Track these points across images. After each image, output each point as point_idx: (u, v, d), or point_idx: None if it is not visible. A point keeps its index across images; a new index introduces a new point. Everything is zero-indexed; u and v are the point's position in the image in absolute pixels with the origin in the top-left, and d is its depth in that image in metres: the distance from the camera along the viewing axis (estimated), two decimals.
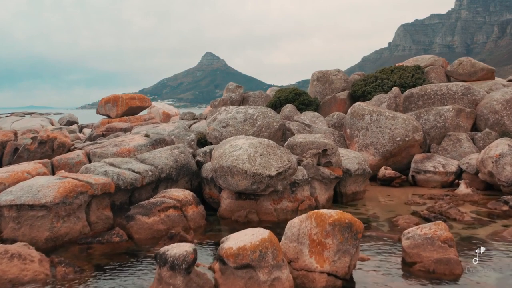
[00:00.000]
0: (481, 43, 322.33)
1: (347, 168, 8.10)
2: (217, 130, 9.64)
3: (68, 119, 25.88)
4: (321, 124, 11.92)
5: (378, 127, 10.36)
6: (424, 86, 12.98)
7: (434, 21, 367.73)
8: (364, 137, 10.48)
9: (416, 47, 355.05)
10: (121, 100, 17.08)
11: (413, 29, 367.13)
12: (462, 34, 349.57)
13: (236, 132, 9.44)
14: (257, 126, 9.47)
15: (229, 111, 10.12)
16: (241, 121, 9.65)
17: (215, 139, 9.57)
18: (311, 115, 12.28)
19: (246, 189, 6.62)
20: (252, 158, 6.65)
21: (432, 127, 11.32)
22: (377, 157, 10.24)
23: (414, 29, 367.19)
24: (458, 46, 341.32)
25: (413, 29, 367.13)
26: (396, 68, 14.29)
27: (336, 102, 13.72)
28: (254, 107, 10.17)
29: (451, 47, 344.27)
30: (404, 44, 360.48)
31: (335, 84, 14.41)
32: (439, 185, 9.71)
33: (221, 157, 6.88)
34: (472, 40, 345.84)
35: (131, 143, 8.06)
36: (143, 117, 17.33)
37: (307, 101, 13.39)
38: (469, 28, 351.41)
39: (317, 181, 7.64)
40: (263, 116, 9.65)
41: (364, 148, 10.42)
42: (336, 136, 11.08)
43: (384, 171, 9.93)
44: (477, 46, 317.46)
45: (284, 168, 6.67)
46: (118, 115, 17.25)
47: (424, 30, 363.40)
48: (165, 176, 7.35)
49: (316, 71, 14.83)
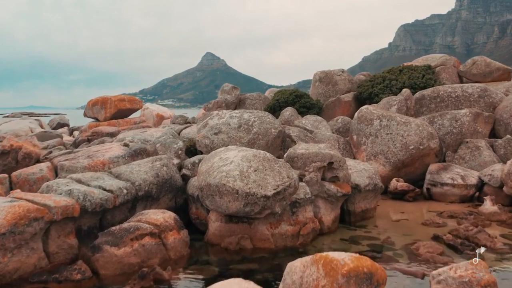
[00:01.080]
0: (482, 44, 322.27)
1: (356, 183, 7.01)
2: (208, 137, 8.55)
3: (58, 121, 24.78)
4: (324, 129, 10.84)
5: (388, 134, 9.28)
6: (437, 88, 11.91)
7: (434, 21, 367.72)
8: (373, 144, 9.39)
9: (417, 47, 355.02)
10: (109, 102, 16.00)
11: (414, 29, 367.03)
12: (463, 35, 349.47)
13: (229, 140, 8.36)
14: (253, 133, 8.39)
15: (222, 115, 9.04)
16: (235, 128, 8.56)
17: (206, 148, 8.49)
18: (313, 119, 11.20)
19: (237, 212, 5.54)
20: (245, 175, 5.57)
21: (447, 133, 10.24)
22: (388, 167, 9.15)
23: (415, 29, 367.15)
24: (458, 46, 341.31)
25: (414, 29, 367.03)
26: (405, 68, 13.21)
27: (341, 105, 12.64)
28: (250, 111, 9.09)
29: (452, 47, 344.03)
30: (404, 44, 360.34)
31: (339, 85, 13.32)
32: (458, 199, 8.63)
33: (208, 173, 5.80)
34: (472, 41, 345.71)
35: (107, 154, 6.98)
36: (133, 120, 16.26)
37: (308, 104, 12.30)
38: (469, 28, 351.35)
39: (322, 199, 6.55)
40: (260, 122, 8.56)
41: (373, 157, 9.33)
42: (341, 143, 10.00)
43: (396, 184, 8.84)
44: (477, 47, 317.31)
45: (283, 186, 5.59)
46: (106, 118, 16.18)
47: (424, 31, 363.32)
48: (143, 194, 6.26)
49: (318, 71, 13.75)
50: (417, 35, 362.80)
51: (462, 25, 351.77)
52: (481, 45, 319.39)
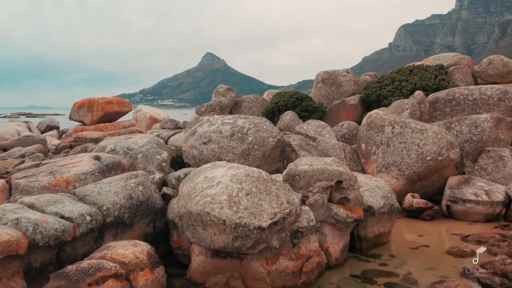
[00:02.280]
0: (482, 44, 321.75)
1: (369, 204, 5.92)
2: (196, 147, 7.46)
3: (48, 124, 23.65)
4: (328, 136, 9.75)
5: (402, 143, 8.18)
6: (452, 90, 10.82)
7: (434, 22, 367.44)
8: (385, 154, 8.29)
9: (417, 48, 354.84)
10: (96, 104, 14.90)
11: (414, 29, 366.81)
12: (463, 35, 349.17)
13: (220, 150, 7.27)
14: (248, 142, 7.29)
15: (212, 122, 7.95)
16: (228, 136, 7.47)
17: (193, 160, 7.39)
18: (316, 124, 10.11)
19: (225, 247, 4.45)
20: (234, 200, 4.48)
21: (465, 141, 9.15)
22: (401, 180, 8.06)
23: (415, 29, 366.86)
24: (458, 46, 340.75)
25: (414, 29, 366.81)
26: (415, 68, 12.11)
27: (346, 108, 11.54)
28: (244, 117, 7.99)
29: (452, 47, 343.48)
30: (404, 44, 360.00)
31: (343, 86, 12.22)
32: (482, 218, 7.54)
33: (189, 197, 4.71)
34: (472, 41, 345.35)
35: (73, 170, 5.88)
36: (121, 124, 15.17)
37: (310, 107, 11.20)
38: (469, 28, 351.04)
39: (329, 226, 5.46)
40: (256, 130, 7.47)
41: (385, 169, 8.24)
42: (348, 152, 8.91)
43: (412, 200, 7.75)
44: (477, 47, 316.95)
45: (281, 214, 4.50)
46: (93, 122, 15.09)
47: (424, 31, 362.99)
48: (112, 220, 5.17)
49: (321, 72, 12.64)
50: (417, 35, 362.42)
51: (463, 25, 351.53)
52: (481, 45, 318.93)
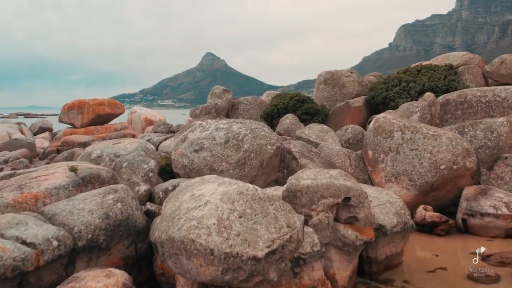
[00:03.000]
0: (482, 44, 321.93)
1: (380, 222, 5.21)
2: (187, 156, 6.74)
3: (40, 126, 22.93)
4: (331, 141, 9.05)
5: (413, 150, 7.48)
6: (463, 91, 10.12)
7: (434, 22, 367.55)
8: (394, 163, 7.59)
9: (417, 48, 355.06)
10: (87, 106, 14.20)
11: (414, 29, 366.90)
12: (463, 35, 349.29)
13: (213, 159, 6.56)
14: (244, 150, 6.58)
15: (205, 127, 7.24)
16: (221, 143, 6.76)
17: (183, 170, 6.69)
18: (318, 128, 9.40)
19: (213, 281, 3.74)
20: (224, 224, 3.78)
21: (480, 147, 8.44)
22: (413, 191, 7.35)
23: (415, 29, 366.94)
24: (458, 46, 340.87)
25: (414, 29, 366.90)
26: (423, 68, 11.40)
27: (350, 111, 10.84)
28: (240, 121, 7.29)
29: (452, 47, 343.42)
30: (404, 44, 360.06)
31: (347, 87, 11.51)
32: (503, 233, 6.83)
33: (172, 219, 4.00)
34: (473, 41, 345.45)
35: (44, 183, 5.18)
36: (113, 127, 14.46)
37: (312, 110, 10.49)
38: (469, 28, 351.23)
39: (335, 249, 4.76)
40: (253, 136, 6.76)
41: (394, 178, 7.53)
42: (353, 159, 8.20)
43: (424, 213, 7.04)
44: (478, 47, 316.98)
45: (281, 241, 3.80)
46: (83, 125, 14.39)
47: (424, 31, 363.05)
48: (85, 244, 4.47)
49: (323, 72, 11.93)
50: (418, 35, 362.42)
51: (463, 25, 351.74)
52: (481, 45, 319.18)
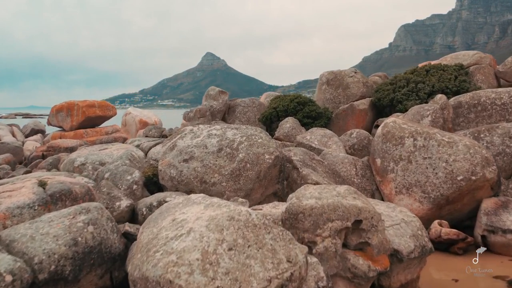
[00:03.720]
0: (482, 44, 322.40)
1: (395, 247, 4.50)
2: (175, 166, 6.03)
3: (32, 127, 22.23)
4: (335, 147, 8.34)
5: (426, 158, 6.77)
6: (477, 93, 9.41)
7: (435, 22, 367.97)
8: (405, 172, 6.88)
9: (417, 48, 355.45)
10: (76, 108, 13.48)
11: (414, 29, 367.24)
12: (463, 35, 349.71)
13: (204, 170, 5.85)
14: (239, 160, 5.87)
15: (196, 133, 6.53)
16: (214, 152, 6.05)
17: (171, 182, 5.98)
18: (320, 133, 8.69)
19: None
20: (210, 259, 3.07)
21: (498, 154, 7.73)
22: (426, 205, 6.64)
23: (415, 29, 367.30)
24: (459, 46, 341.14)
25: (414, 29, 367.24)
26: (432, 68, 10.69)
27: (354, 114, 10.13)
28: (235, 127, 6.58)
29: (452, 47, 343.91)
30: (405, 44, 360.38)
31: (351, 88, 10.79)
32: None
33: (147, 252, 3.29)
34: (473, 41, 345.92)
35: (6, 201, 4.47)
36: (104, 130, 13.75)
37: (314, 113, 9.78)
38: (470, 28, 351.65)
39: (344, 281, 4.04)
40: (249, 144, 6.05)
41: (405, 190, 6.82)
42: (359, 167, 7.50)
43: (439, 230, 6.33)
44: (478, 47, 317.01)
45: (279, 281, 3.09)
46: (73, 127, 13.67)
47: (425, 31, 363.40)
48: (47, 277, 3.76)
49: (325, 72, 11.22)
50: (418, 35, 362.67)
51: (463, 25, 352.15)
52: (481, 45, 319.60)
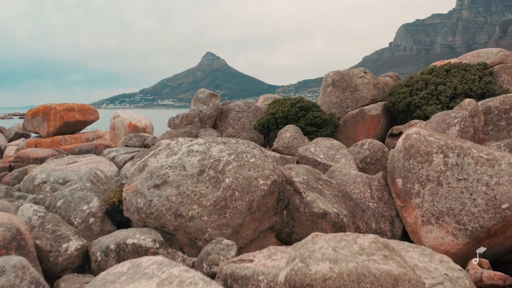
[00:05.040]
0: (483, 43, 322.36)
1: None
2: (143, 194, 4.69)
3: (16, 131, 20.84)
4: (344, 161, 7.01)
5: (461, 180, 5.44)
6: (508, 96, 8.09)
7: (435, 21, 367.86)
8: (435, 197, 5.54)
9: (417, 47, 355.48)
10: (53, 112, 12.15)
11: (414, 29, 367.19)
12: (464, 34, 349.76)
13: (180, 200, 4.51)
14: (225, 187, 4.53)
15: (174, 149, 5.20)
16: (194, 175, 4.71)
17: (137, 214, 4.63)
18: (327, 144, 7.36)
19: None
20: None
21: None
22: (462, 238, 5.31)
23: (415, 29, 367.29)
24: (459, 46, 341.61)
25: (414, 29, 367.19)
26: (452, 67, 9.34)
27: (365, 121, 8.79)
28: (223, 141, 5.24)
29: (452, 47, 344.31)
30: (405, 44, 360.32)
31: (360, 91, 9.44)
32: None
33: None
34: (473, 40, 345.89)
35: None
36: (84, 136, 12.41)
37: (319, 120, 8.42)
38: (470, 28, 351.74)
39: None
40: (238, 165, 4.71)
41: (435, 219, 5.48)
42: (375, 188, 6.17)
43: (480, 272, 4.99)
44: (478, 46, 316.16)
45: None
46: (50, 134, 12.34)
47: (425, 30, 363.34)
48: None
49: (331, 72, 9.87)
50: (418, 34, 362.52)
51: (463, 24, 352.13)
52: (482, 44, 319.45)
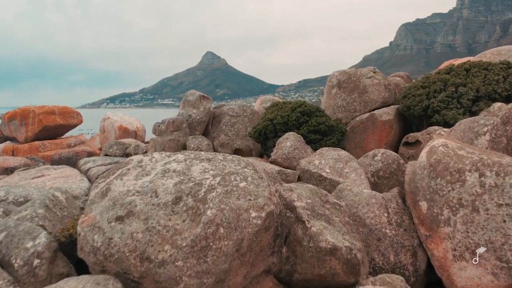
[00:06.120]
0: (483, 43, 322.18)
1: None
2: (101, 228, 3.64)
3: None
4: (354, 175, 5.98)
5: (503, 205, 4.40)
6: None
7: (435, 20, 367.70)
8: (469, 226, 4.50)
9: (418, 46, 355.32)
10: (32, 115, 11.11)
11: (415, 28, 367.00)
12: (464, 34, 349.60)
13: (148, 238, 3.48)
14: (206, 221, 3.49)
15: (146, 167, 4.16)
16: (167, 203, 3.67)
17: (94, 256, 3.59)
18: (333, 156, 6.33)
19: None
20: None
21: None
22: (504, 279, 4.27)
23: (416, 28, 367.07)
24: (459, 45, 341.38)
25: (415, 28, 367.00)
26: (473, 66, 8.29)
27: (376, 127, 7.75)
28: (207, 157, 4.20)
29: (453, 46, 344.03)
30: (405, 43, 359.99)
31: (369, 93, 8.39)
32: None
33: None
34: (473, 40, 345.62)
35: None
36: (66, 142, 11.37)
37: (324, 127, 7.36)
38: (470, 27, 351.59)
39: None
40: (225, 191, 3.67)
41: (470, 254, 4.44)
42: (393, 211, 5.14)
43: None
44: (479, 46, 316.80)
45: None
46: (28, 139, 11.30)
47: (425, 29, 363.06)
48: None
49: (336, 72, 8.82)
50: (418, 34, 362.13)
51: (464, 24, 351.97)
52: (482, 44, 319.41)
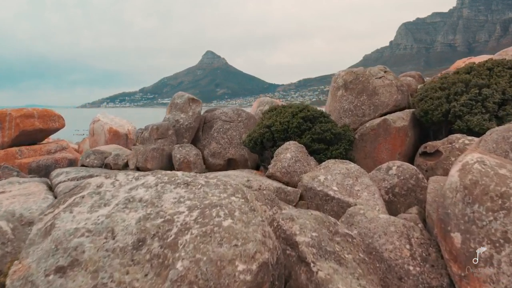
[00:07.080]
0: (483, 42, 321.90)
1: None
2: (35, 284, 2.69)
3: None
4: (367, 195, 5.03)
5: None
6: None
7: (436, 20, 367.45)
8: None
9: (418, 46, 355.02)
10: (8, 119, 10.16)
11: (415, 27, 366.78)
12: (464, 33, 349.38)
13: None
14: (174, 277, 2.53)
15: (105, 195, 3.21)
16: (127, 247, 2.72)
17: None
18: (341, 170, 5.37)
19: None
20: None
21: None
22: None
23: (416, 27, 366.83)
24: (460, 45, 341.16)
25: (415, 27, 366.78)
26: (496, 64, 7.35)
27: (389, 134, 6.80)
28: (184, 181, 3.25)
29: (453, 46, 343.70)
30: (405, 42, 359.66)
31: (380, 95, 7.44)
32: None
33: None
34: (474, 39, 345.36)
35: None
36: (46, 147, 10.42)
37: (329, 135, 6.40)
38: (471, 26, 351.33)
39: None
40: (202, 232, 2.70)
41: None
42: (417, 242, 4.19)
43: None
44: (479, 45, 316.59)
45: None
46: (4, 145, 10.35)
47: (425, 29, 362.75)
48: None
49: (342, 71, 7.86)
50: (419, 33, 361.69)
51: (464, 23, 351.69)
52: (482, 43, 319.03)
